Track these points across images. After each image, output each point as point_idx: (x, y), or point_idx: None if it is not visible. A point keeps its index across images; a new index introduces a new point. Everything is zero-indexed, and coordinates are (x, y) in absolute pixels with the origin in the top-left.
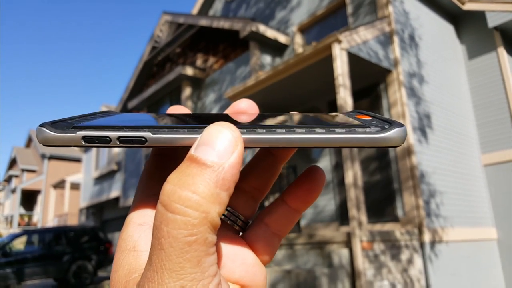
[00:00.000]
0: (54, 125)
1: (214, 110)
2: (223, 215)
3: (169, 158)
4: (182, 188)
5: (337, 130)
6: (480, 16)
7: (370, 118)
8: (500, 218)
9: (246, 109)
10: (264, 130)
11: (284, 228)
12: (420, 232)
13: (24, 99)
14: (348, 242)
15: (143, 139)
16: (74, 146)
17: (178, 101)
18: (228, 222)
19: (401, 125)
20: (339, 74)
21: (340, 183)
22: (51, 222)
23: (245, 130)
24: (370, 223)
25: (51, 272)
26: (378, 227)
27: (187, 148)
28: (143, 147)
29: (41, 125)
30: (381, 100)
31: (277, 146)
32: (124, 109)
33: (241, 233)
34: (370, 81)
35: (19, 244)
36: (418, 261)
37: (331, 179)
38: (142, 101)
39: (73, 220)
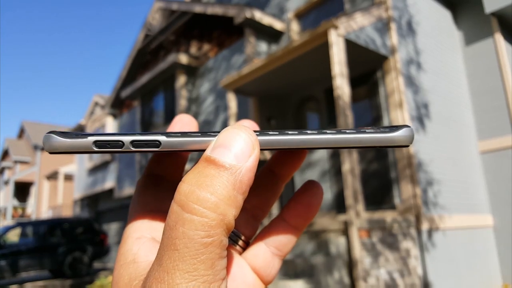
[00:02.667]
0: (63, 134)
1: (210, 99)
2: None
3: (161, 178)
4: (200, 188)
5: (348, 131)
6: (477, 1)
7: (371, 127)
8: (496, 205)
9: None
10: (277, 133)
11: (284, 247)
12: (417, 220)
13: (16, 91)
14: (345, 231)
15: (157, 142)
16: (84, 152)
17: (172, 90)
18: (230, 242)
19: (408, 126)
20: (336, 61)
21: (337, 172)
22: (45, 213)
23: (258, 133)
24: (368, 212)
25: (46, 264)
26: (375, 215)
27: (177, 171)
28: (157, 152)
29: (49, 133)
30: (378, 88)
31: (291, 147)
32: (117, 98)
33: (242, 253)
34: (367, 68)
35: (14, 236)
36: (415, 249)
37: (327, 168)
38: (135, 90)
39: (67, 212)
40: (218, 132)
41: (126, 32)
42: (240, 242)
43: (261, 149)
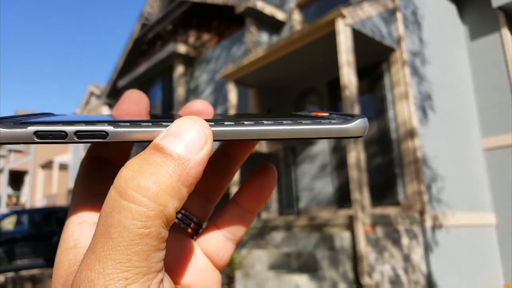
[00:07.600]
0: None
1: (208, 90)
2: (176, 217)
3: (105, 161)
4: (142, 176)
5: (304, 121)
6: None
7: (328, 114)
8: (499, 203)
9: (200, 110)
10: (233, 123)
11: (237, 231)
12: (422, 217)
13: (8, 78)
14: (350, 225)
15: (104, 133)
16: (24, 143)
17: (170, 81)
18: (182, 225)
19: (363, 117)
20: (343, 49)
21: (338, 166)
22: (39, 202)
23: (213, 123)
24: (371, 207)
25: (41, 252)
26: (379, 210)
27: (123, 155)
28: (103, 143)
29: None
30: (383, 80)
31: (246, 138)
32: (114, 88)
33: (194, 236)
34: (372, 60)
35: (8, 224)
36: (419, 245)
37: (328, 161)
38: (132, 80)
39: (62, 201)
40: (172, 121)
41: (123, 20)
42: (192, 225)
43: (214, 140)
